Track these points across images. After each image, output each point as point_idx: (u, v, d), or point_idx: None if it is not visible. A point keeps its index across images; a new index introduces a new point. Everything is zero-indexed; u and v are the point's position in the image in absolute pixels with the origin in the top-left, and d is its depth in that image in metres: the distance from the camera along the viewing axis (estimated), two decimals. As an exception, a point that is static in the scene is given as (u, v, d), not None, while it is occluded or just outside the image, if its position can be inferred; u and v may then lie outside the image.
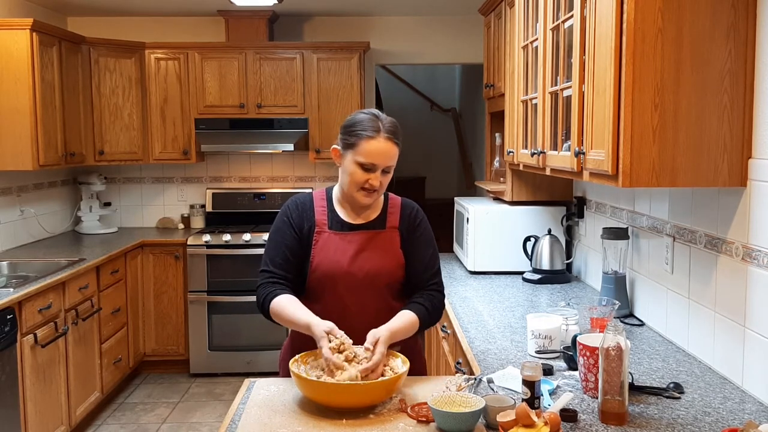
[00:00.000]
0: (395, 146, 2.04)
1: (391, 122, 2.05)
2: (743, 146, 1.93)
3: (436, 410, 1.68)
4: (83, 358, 4.05)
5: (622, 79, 1.90)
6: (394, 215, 2.15)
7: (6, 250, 4.45)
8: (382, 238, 2.12)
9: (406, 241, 2.14)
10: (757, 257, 1.90)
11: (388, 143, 2.02)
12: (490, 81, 4.10)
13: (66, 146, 4.59)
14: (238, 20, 5.26)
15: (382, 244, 2.11)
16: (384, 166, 2.03)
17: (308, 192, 2.22)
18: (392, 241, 2.12)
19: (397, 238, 2.13)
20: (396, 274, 2.10)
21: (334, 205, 2.16)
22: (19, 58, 4.13)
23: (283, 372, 2.21)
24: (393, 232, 2.13)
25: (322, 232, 2.11)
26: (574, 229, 3.59)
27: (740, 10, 1.89)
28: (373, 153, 2.01)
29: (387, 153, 2.02)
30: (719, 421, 1.76)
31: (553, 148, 2.58)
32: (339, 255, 2.08)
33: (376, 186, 2.03)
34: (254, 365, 5.00)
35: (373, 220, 2.14)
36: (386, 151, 2.01)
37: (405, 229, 2.14)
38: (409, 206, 2.20)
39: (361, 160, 2.02)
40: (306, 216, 2.14)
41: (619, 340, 1.71)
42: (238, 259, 4.96)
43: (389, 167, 2.05)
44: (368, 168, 2.02)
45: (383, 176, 2.04)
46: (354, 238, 2.10)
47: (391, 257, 2.10)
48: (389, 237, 2.12)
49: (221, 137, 5.22)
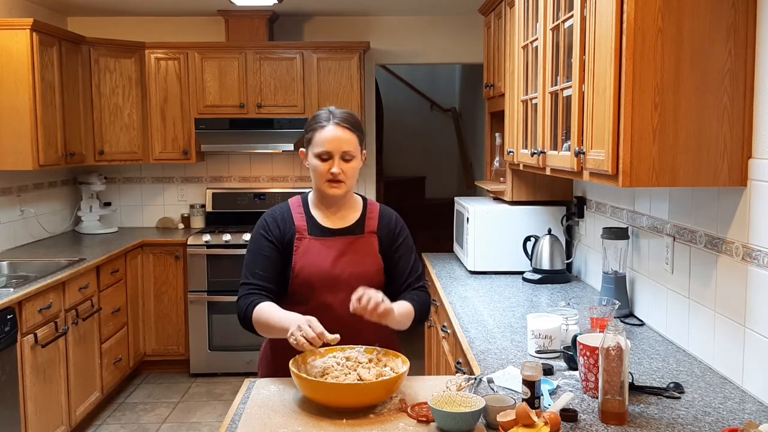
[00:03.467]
0: (349, 132, 2.09)
1: (343, 112, 2.13)
2: (743, 146, 1.93)
3: (436, 410, 1.68)
4: (83, 358, 4.05)
5: (622, 79, 1.90)
6: (372, 220, 2.20)
7: (6, 250, 4.46)
8: (361, 242, 2.16)
9: (386, 247, 2.19)
10: (757, 257, 1.90)
11: (339, 128, 2.08)
12: (490, 81, 4.10)
13: (66, 146, 4.59)
14: (238, 20, 5.26)
15: (362, 248, 2.16)
16: (340, 152, 2.08)
17: (284, 202, 2.24)
18: (371, 245, 2.17)
19: (376, 243, 2.17)
20: (375, 278, 2.14)
21: (311, 210, 2.19)
22: (19, 58, 4.13)
23: (262, 372, 2.25)
24: (371, 236, 2.18)
25: (302, 238, 2.14)
26: (574, 229, 3.59)
27: (740, 10, 1.89)
28: (326, 140, 2.08)
29: (340, 138, 2.07)
30: (719, 421, 1.76)
31: (553, 148, 2.58)
32: (320, 259, 2.11)
33: (338, 174, 2.07)
34: (254, 365, 4.93)
35: (352, 225, 2.18)
36: (338, 137, 2.07)
37: (384, 234, 2.19)
38: (388, 214, 2.25)
39: (317, 151, 2.09)
40: (285, 226, 2.16)
41: (619, 340, 1.71)
42: (238, 259, 4.96)
43: (346, 153, 2.09)
44: (325, 157, 2.09)
45: (344, 164, 2.09)
46: (334, 243, 2.14)
47: (371, 262, 2.15)
48: (368, 242, 2.17)
49: (221, 137, 5.22)
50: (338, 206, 2.18)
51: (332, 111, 2.13)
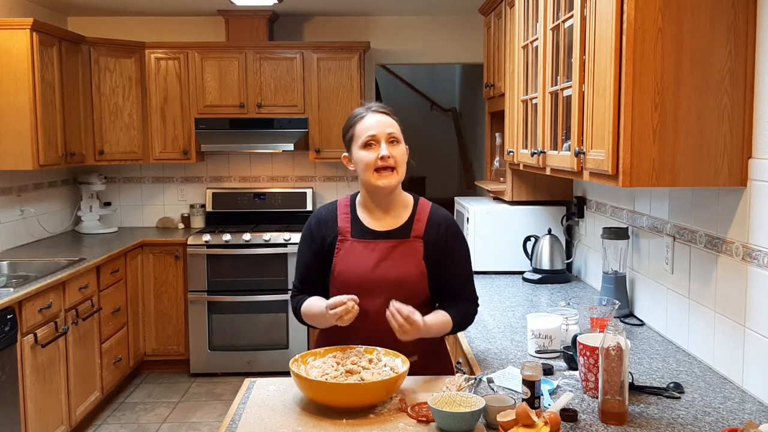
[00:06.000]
0: (389, 116, 2.06)
1: (379, 104, 2.10)
2: (743, 146, 1.93)
3: (436, 410, 1.68)
4: (83, 358, 4.05)
5: (622, 79, 1.90)
6: (420, 223, 2.08)
7: (6, 250, 4.46)
8: (405, 247, 2.06)
9: (432, 252, 2.07)
10: (757, 257, 1.90)
11: (378, 114, 2.05)
12: (490, 81, 4.10)
13: (66, 146, 4.59)
14: (238, 20, 5.25)
15: (405, 253, 2.05)
16: (385, 135, 2.01)
17: (333, 201, 2.22)
18: (416, 251, 2.06)
19: (421, 249, 2.06)
20: (417, 284, 2.04)
21: (357, 212, 2.13)
22: (19, 58, 4.13)
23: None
24: (417, 242, 2.06)
25: (345, 240, 2.09)
26: (574, 228, 3.59)
27: (740, 10, 1.89)
28: (369, 126, 2.03)
29: (381, 122, 2.03)
30: (719, 421, 1.76)
31: (553, 148, 2.58)
32: (361, 263, 2.05)
33: (387, 158, 1.99)
34: (254, 365, 5.00)
35: (398, 227, 2.09)
36: (380, 120, 2.03)
37: (432, 240, 2.07)
38: (438, 216, 2.11)
39: (361, 141, 2.03)
40: (328, 228, 2.13)
41: (619, 340, 1.71)
42: (238, 258, 4.96)
43: (392, 135, 2.02)
44: (371, 144, 2.02)
45: (392, 147, 2.02)
46: (376, 246, 2.06)
47: (414, 267, 2.04)
48: (413, 247, 2.06)
49: (221, 137, 5.22)
50: (386, 205, 2.09)
51: (366, 105, 2.09)
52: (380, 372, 1.87)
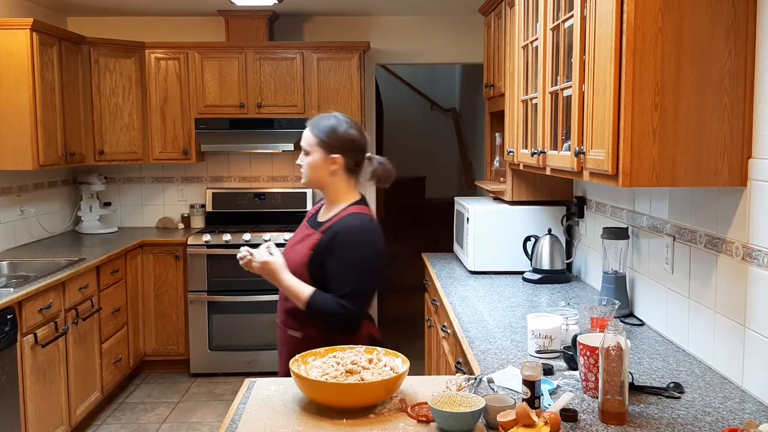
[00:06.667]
0: (307, 131, 2.34)
1: (318, 117, 2.38)
2: (743, 146, 1.93)
3: (436, 410, 1.68)
4: (83, 358, 4.05)
5: (622, 79, 1.90)
6: (332, 222, 2.30)
7: (6, 250, 4.46)
8: (311, 237, 2.32)
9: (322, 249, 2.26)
10: (757, 257, 1.90)
11: (305, 130, 2.37)
12: (490, 81, 4.10)
13: (66, 146, 4.59)
14: (238, 20, 5.26)
15: (306, 241, 2.33)
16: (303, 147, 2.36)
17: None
18: (311, 241, 2.30)
19: (316, 241, 2.28)
20: (298, 270, 2.28)
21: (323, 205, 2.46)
22: (19, 58, 4.13)
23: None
24: (318, 235, 2.30)
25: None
26: (574, 228, 3.59)
27: (740, 9, 1.89)
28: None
29: (303, 136, 2.36)
30: (719, 421, 1.76)
31: (553, 148, 2.58)
32: (290, 242, 2.45)
33: (300, 166, 2.37)
34: (254, 365, 5.00)
35: (324, 221, 2.35)
36: (303, 135, 2.37)
37: (327, 238, 2.27)
38: (344, 224, 2.28)
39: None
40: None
41: (619, 340, 1.71)
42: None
43: (304, 148, 2.35)
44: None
45: (303, 157, 2.35)
46: (301, 230, 2.41)
47: (303, 254, 2.29)
48: (313, 238, 2.31)
49: (221, 137, 5.22)
50: (328, 201, 2.40)
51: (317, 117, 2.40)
52: (380, 372, 1.87)
